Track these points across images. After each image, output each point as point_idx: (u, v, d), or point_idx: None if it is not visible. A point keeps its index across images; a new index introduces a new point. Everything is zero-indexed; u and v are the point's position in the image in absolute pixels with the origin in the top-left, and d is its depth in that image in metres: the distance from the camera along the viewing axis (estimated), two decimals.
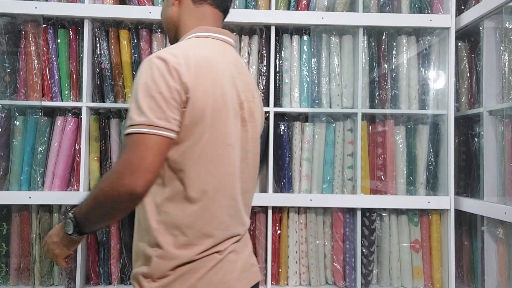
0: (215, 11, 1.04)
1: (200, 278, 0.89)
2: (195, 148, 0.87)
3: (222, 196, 0.92)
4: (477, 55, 1.89)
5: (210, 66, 0.90)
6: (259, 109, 1.06)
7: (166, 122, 0.82)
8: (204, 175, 0.89)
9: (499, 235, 1.67)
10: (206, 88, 0.87)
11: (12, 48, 1.83)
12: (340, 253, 1.91)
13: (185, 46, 0.93)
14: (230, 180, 0.94)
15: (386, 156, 1.90)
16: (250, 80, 1.04)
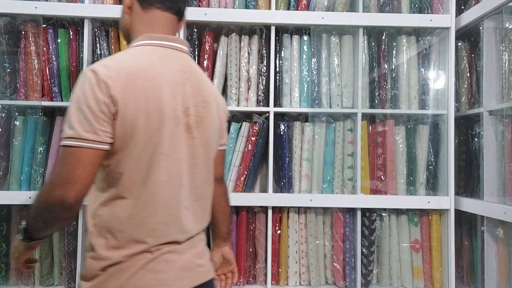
0: (166, 14, 1.01)
1: (129, 277, 0.91)
2: (130, 158, 0.89)
3: (155, 204, 0.93)
4: (477, 55, 1.89)
5: (144, 77, 0.90)
6: (213, 113, 1.04)
7: (94, 135, 0.84)
8: (137, 183, 0.91)
9: (499, 235, 1.67)
10: (138, 100, 0.88)
11: (12, 48, 1.83)
12: (340, 253, 1.91)
13: (122, 56, 0.94)
14: (165, 189, 0.94)
15: (386, 156, 1.90)
16: (203, 85, 1.03)
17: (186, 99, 0.97)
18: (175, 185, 0.95)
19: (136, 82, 0.89)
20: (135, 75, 0.89)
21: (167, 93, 0.93)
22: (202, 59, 1.89)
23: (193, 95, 0.99)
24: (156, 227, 0.93)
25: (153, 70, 0.93)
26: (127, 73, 0.88)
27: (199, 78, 1.03)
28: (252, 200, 1.85)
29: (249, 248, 1.91)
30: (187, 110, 0.96)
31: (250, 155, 1.89)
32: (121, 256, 0.91)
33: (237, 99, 1.91)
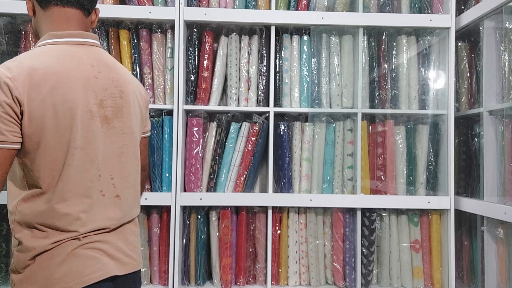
0: (66, 10, 1.00)
1: (58, 264, 0.93)
2: (43, 156, 0.92)
3: (72, 196, 0.95)
4: (477, 55, 1.89)
5: (49, 76, 0.91)
6: (133, 102, 1.07)
7: (1, 136, 0.87)
8: (54, 178, 0.94)
9: (499, 235, 1.67)
10: (44, 99, 0.90)
11: (12, 48, 1.83)
12: (340, 253, 1.91)
13: (25, 56, 0.94)
14: (81, 180, 0.96)
15: (386, 156, 1.90)
16: (118, 76, 1.04)
17: (100, 92, 0.99)
18: (93, 176, 0.98)
19: (40, 82, 0.90)
20: (39, 75, 0.90)
21: (77, 88, 0.94)
22: (202, 59, 1.89)
23: (108, 87, 1.00)
24: (77, 216, 0.95)
25: (58, 68, 0.93)
26: (29, 74, 0.89)
27: (112, 70, 1.04)
28: (252, 200, 1.85)
29: (249, 248, 1.91)
30: (102, 102, 0.98)
31: (250, 155, 1.89)
32: (48, 243, 0.93)
33: (237, 99, 1.91)
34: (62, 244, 0.94)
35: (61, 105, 0.91)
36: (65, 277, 0.93)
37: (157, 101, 1.88)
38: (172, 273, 1.77)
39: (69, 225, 0.95)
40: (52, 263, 0.93)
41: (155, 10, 1.82)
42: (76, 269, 0.94)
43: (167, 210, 1.83)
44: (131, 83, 1.09)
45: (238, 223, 1.90)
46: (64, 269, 0.93)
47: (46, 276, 0.93)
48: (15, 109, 0.88)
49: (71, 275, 0.93)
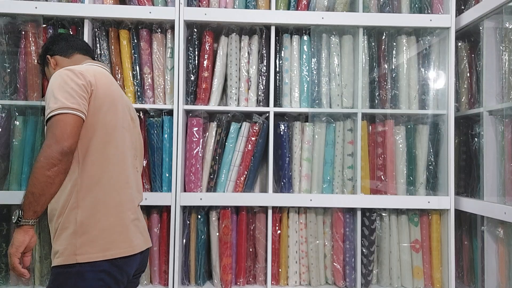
0: (83, 56, 1.43)
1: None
2: (97, 127, 1.19)
3: (121, 168, 1.26)
4: (477, 55, 1.89)
5: (102, 75, 1.26)
6: (134, 119, 1.41)
7: (77, 105, 1.12)
8: (108, 144, 1.22)
9: (499, 235, 1.67)
10: (104, 89, 1.21)
11: (12, 48, 1.83)
12: (340, 253, 1.91)
13: (79, 66, 1.28)
14: (127, 155, 1.28)
15: (386, 156, 1.90)
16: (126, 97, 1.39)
17: (126, 102, 1.33)
18: (131, 155, 1.29)
19: (100, 76, 1.23)
20: (96, 73, 1.23)
21: (118, 91, 1.29)
22: (202, 59, 1.89)
23: (127, 104, 1.34)
24: (125, 184, 1.24)
25: (103, 74, 1.27)
26: (92, 72, 1.22)
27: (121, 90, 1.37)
28: (252, 200, 1.85)
29: (249, 248, 1.91)
30: (129, 109, 1.33)
31: (250, 155, 1.89)
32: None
33: (237, 99, 1.91)
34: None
35: (112, 95, 1.24)
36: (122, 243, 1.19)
37: (157, 101, 1.88)
38: (172, 273, 1.77)
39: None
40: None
41: (155, 10, 1.82)
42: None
43: (167, 210, 1.83)
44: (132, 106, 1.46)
45: (238, 223, 1.90)
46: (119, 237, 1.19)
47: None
48: (88, 88, 1.16)
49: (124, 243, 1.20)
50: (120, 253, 1.16)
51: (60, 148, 1.07)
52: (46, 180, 1.06)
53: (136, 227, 1.24)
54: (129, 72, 1.86)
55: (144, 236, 1.29)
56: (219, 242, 1.87)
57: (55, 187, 1.09)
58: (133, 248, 1.20)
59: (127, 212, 1.21)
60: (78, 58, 1.40)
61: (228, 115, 1.91)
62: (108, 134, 1.19)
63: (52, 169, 1.06)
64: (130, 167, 1.26)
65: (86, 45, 1.47)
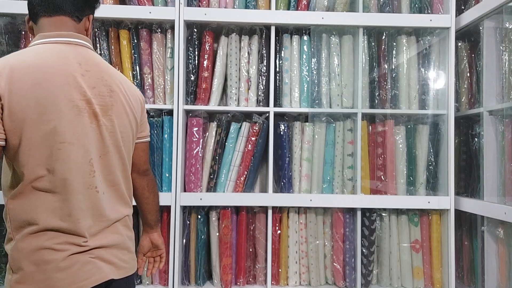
0: (54, 18, 1.03)
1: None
2: (26, 150, 0.92)
3: (67, 192, 0.96)
4: (477, 55, 1.89)
5: (33, 71, 0.93)
6: (121, 103, 1.07)
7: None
8: (37, 174, 0.94)
9: (499, 235, 1.67)
10: (25, 93, 0.91)
11: (12, 48, 1.83)
12: (340, 253, 1.91)
13: (12, 55, 0.97)
14: (75, 176, 0.96)
15: (386, 156, 1.90)
16: (107, 76, 1.05)
17: (87, 89, 0.99)
18: (85, 172, 0.98)
19: (23, 76, 0.91)
20: (22, 71, 0.92)
21: (60, 83, 0.95)
22: (202, 59, 1.89)
23: (96, 85, 1.01)
24: (71, 212, 0.96)
25: (42, 64, 0.95)
26: (13, 70, 0.91)
27: (101, 69, 1.04)
28: (252, 200, 1.85)
29: (249, 248, 1.91)
30: (89, 99, 0.99)
31: (250, 155, 1.89)
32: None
33: (237, 99, 1.91)
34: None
35: (43, 98, 0.92)
36: (62, 281, 0.94)
37: (157, 101, 1.88)
38: (172, 273, 1.77)
39: (61, 220, 0.96)
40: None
41: (155, 10, 1.82)
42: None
43: (167, 210, 1.83)
44: (124, 84, 1.10)
45: (238, 223, 1.90)
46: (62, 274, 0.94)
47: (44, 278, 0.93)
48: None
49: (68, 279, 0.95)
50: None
51: None
52: None
53: (92, 256, 0.99)
54: (129, 72, 1.86)
55: (115, 264, 1.03)
56: (219, 242, 1.87)
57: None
58: (82, 284, 0.96)
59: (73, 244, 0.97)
60: (43, 24, 1.03)
61: (228, 115, 1.91)
62: (39, 158, 0.93)
63: None
64: (80, 191, 0.97)
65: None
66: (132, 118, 1.10)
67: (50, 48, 1.00)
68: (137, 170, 1.21)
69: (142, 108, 1.18)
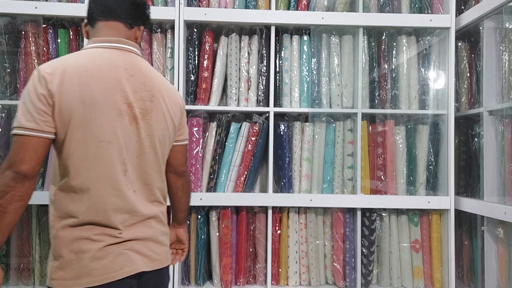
0: (109, 23, 1.13)
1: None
2: (70, 145, 1.01)
3: (101, 187, 1.03)
4: (477, 55, 1.89)
5: (81, 72, 1.02)
6: (161, 108, 1.13)
7: (34, 124, 0.98)
8: (84, 168, 1.02)
9: (499, 235, 1.67)
10: (73, 93, 1.00)
11: (12, 48, 1.83)
12: (340, 253, 1.91)
13: (65, 56, 1.07)
14: (109, 173, 1.03)
15: (386, 156, 1.90)
16: (151, 81, 1.12)
17: (130, 93, 1.07)
18: (119, 170, 1.05)
19: (72, 77, 1.00)
20: (72, 70, 1.01)
21: (107, 86, 1.03)
22: (202, 59, 1.89)
23: (138, 90, 1.09)
24: (105, 207, 1.03)
25: (92, 67, 1.04)
26: (64, 70, 1.01)
27: (145, 75, 1.12)
28: (252, 200, 1.85)
29: (249, 248, 1.91)
30: (131, 102, 1.06)
31: (250, 155, 1.89)
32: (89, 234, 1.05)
33: (237, 99, 1.91)
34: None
35: (88, 98, 1.00)
36: (96, 270, 1.01)
37: None
38: (172, 273, 1.77)
39: (99, 217, 1.03)
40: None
41: (155, 10, 1.81)
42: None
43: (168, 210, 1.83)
44: (166, 91, 1.16)
45: (238, 223, 1.90)
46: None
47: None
48: (48, 100, 0.98)
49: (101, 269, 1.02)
50: (93, 282, 1.01)
51: (13, 173, 0.95)
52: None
53: (125, 248, 1.05)
54: None
55: (148, 256, 1.09)
56: (219, 242, 1.87)
57: (9, 216, 0.96)
58: (115, 274, 1.02)
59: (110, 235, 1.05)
60: (99, 28, 1.13)
61: (228, 115, 1.91)
62: (79, 154, 1.01)
63: (4, 197, 0.95)
64: (113, 188, 1.04)
65: (115, 3, 1.13)
66: (170, 122, 1.17)
67: (101, 52, 1.08)
68: (174, 171, 1.28)
69: (181, 112, 1.24)
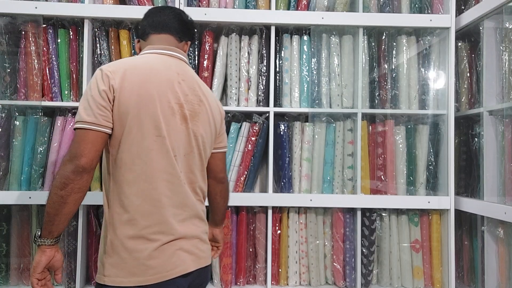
0: (161, 35, 1.22)
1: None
2: (127, 139, 1.06)
3: (159, 180, 1.08)
4: (477, 55, 1.89)
5: (140, 72, 1.09)
6: (207, 113, 1.20)
7: (93, 118, 1.03)
8: (137, 161, 1.07)
9: (499, 235, 1.67)
10: (132, 89, 1.06)
11: (12, 48, 1.83)
12: (340, 253, 1.91)
13: (124, 59, 1.16)
14: (165, 165, 1.09)
15: (386, 156, 1.90)
16: (198, 88, 1.20)
17: (181, 95, 1.13)
18: (171, 165, 1.10)
19: (132, 75, 1.08)
20: (132, 70, 1.09)
21: (162, 86, 1.10)
22: (202, 59, 1.89)
23: (188, 93, 1.16)
24: (159, 198, 1.08)
25: (149, 67, 1.12)
26: (125, 68, 1.08)
27: (194, 82, 1.20)
28: (252, 200, 1.85)
29: (249, 248, 1.91)
30: (182, 104, 1.13)
31: (250, 155, 1.89)
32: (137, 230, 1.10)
33: (237, 99, 1.91)
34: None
35: (146, 96, 1.07)
36: (151, 269, 1.05)
37: None
38: None
39: (153, 206, 1.08)
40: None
41: None
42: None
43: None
44: (210, 98, 1.23)
45: (238, 223, 1.90)
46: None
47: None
48: (109, 95, 1.05)
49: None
50: (146, 281, 1.05)
51: (74, 166, 1.00)
52: (59, 200, 1.01)
53: (177, 248, 1.10)
54: None
55: (195, 254, 1.14)
56: None
57: (69, 206, 1.02)
58: (168, 274, 1.06)
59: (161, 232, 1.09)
60: (152, 40, 1.22)
61: (228, 115, 1.91)
62: (136, 147, 1.06)
63: (65, 189, 1.00)
64: (167, 181, 1.09)
65: (166, 19, 1.22)
66: (213, 127, 1.23)
67: (157, 57, 1.17)
68: (214, 177, 1.35)
69: (222, 120, 1.31)
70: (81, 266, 1.78)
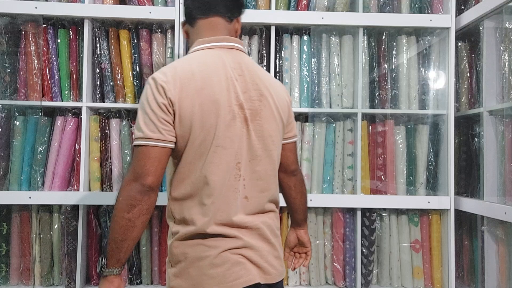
0: (209, 20, 1.10)
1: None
2: (190, 151, 1.00)
3: (213, 193, 1.01)
4: (477, 55, 1.89)
5: (196, 77, 1.00)
6: (270, 106, 1.08)
7: (159, 134, 0.96)
8: (198, 174, 1.00)
9: (499, 235, 1.67)
10: (192, 100, 0.98)
11: (12, 48, 1.83)
12: (340, 253, 1.91)
13: (178, 63, 1.04)
14: (222, 179, 1.01)
15: (386, 156, 1.90)
16: (258, 79, 1.08)
17: (240, 93, 1.03)
18: (232, 175, 1.02)
19: (189, 83, 0.98)
20: (188, 78, 0.99)
21: (221, 89, 1.01)
22: None
23: (247, 90, 1.05)
24: (222, 208, 1.01)
25: (205, 70, 1.01)
26: (180, 77, 0.99)
27: (252, 73, 1.08)
28: None
29: None
30: (241, 104, 1.03)
31: None
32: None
33: None
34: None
35: (207, 104, 0.99)
36: (213, 279, 0.98)
37: None
38: None
39: (220, 219, 1.02)
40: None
41: (155, 10, 1.81)
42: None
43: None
44: (273, 87, 1.11)
45: None
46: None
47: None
48: (169, 109, 0.97)
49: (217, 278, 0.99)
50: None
51: (140, 186, 0.94)
52: (127, 224, 0.94)
53: (241, 256, 1.03)
54: (129, 72, 1.86)
55: (261, 267, 1.05)
56: None
57: (137, 230, 0.95)
58: (231, 284, 0.99)
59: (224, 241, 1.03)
60: (200, 28, 1.11)
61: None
62: (198, 160, 1.00)
63: (132, 211, 0.94)
64: (225, 194, 1.02)
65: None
66: (279, 121, 1.11)
67: (209, 54, 1.06)
68: (285, 170, 1.25)
69: (289, 108, 1.18)
70: (81, 266, 1.78)
